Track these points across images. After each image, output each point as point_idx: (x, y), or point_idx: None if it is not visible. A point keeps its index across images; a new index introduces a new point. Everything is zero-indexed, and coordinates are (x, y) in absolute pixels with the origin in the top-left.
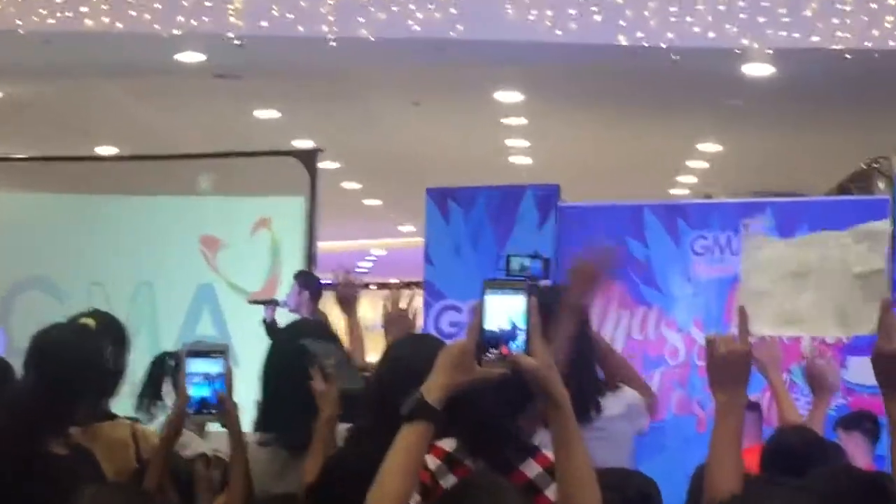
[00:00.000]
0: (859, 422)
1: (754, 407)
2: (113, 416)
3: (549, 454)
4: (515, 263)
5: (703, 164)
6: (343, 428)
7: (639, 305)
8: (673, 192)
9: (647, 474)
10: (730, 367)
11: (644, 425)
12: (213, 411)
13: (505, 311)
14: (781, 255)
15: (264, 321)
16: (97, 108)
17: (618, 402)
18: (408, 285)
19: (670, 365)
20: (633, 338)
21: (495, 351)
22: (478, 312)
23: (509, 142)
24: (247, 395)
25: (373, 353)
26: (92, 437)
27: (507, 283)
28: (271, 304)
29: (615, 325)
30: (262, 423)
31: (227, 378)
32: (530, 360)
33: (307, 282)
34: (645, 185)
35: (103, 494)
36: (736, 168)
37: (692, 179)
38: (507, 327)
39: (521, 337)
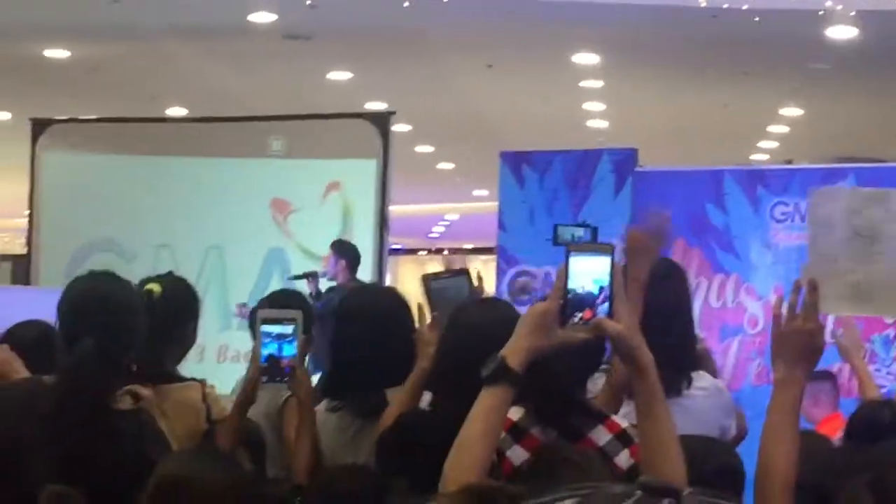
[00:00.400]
0: None
1: (829, 377)
2: (182, 379)
3: (618, 420)
4: (565, 233)
5: (785, 129)
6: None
7: (717, 273)
8: (753, 157)
9: None
10: (793, 344)
11: (733, 429)
12: (285, 379)
13: (589, 273)
14: (848, 206)
15: (310, 294)
16: (167, 70)
17: (709, 382)
18: (481, 250)
19: (749, 333)
20: (710, 305)
21: (579, 314)
22: (561, 275)
23: (586, 105)
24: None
25: None
26: (163, 397)
27: (591, 246)
28: (312, 276)
29: (692, 293)
30: (332, 390)
31: (300, 345)
32: (614, 323)
33: (342, 250)
34: (724, 150)
35: (189, 460)
36: (818, 133)
37: (773, 144)
38: (592, 290)
39: (606, 300)
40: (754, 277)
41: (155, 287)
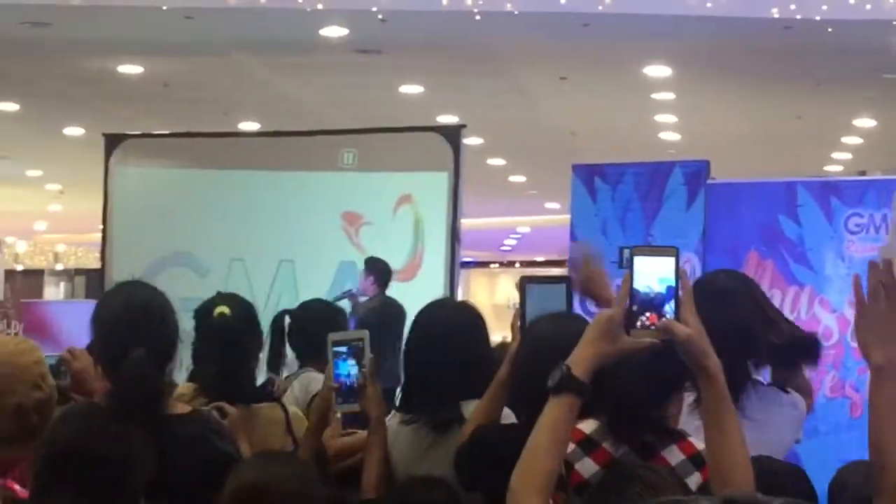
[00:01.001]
0: None
1: None
2: (264, 399)
3: (694, 442)
4: (627, 254)
5: (858, 140)
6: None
7: (790, 285)
8: (827, 168)
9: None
10: (885, 324)
11: (800, 436)
12: (356, 400)
13: (654, 275)
14: None
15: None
16: (239, 84)
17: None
18: (553, 263)
19: (823, 346)
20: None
21: (645, 318)
22: (626, 281)
23: (658, 117)
24: None
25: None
26: (250, 415)
27: (656, 248)
28: (349, 294)
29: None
30: (406, 403)
31: (368, 364)
32: (682, 327)
33: (372, 266)
34: (797, 162)
35: (267, 465)
36: (892, 144)
37: (847, 156)
38: (659, 292)
39: (672, 303)
40: (828, 290)
41: (225, 309)
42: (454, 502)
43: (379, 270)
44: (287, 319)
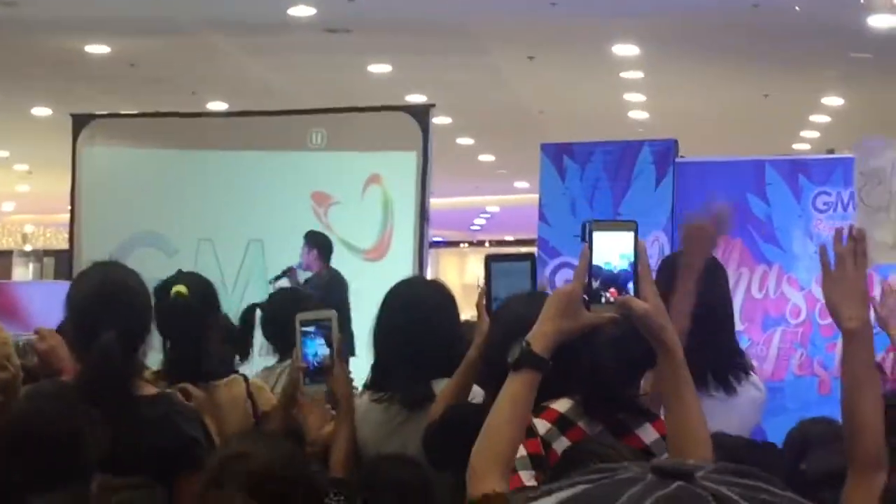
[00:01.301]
0: None
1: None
2: (226, 374)
3: None
4: (588, 228)
5: (826, 119)
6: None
7: (759, 263)
8: (795, 147)
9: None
10: (851, 290)
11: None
12: (324, 380)
13: (614, 251)
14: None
15: (291, 288)
16: (207, 64)
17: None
18: (522, 242)
19: (791, 324)
20: (752, 296)
21: (606, 294)
22: (585, 255)
23: (626, 96)
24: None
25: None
26: (210, 394)
27: (614, 223)
28: (288, 272)
29: (734, 284)
30: (376, 382)
31: (336, 343)
32: (641, 303)
33: (313, 240)
34: (766, 141)
35: (247, 441)
36: (860, 122)
37: (815, 134)
38: (618, 267)
39: (631, 278)
40: (797, 268)
41: (182, 288)
42: (422, 480)
43: (321, 244)
44: (258, 312)
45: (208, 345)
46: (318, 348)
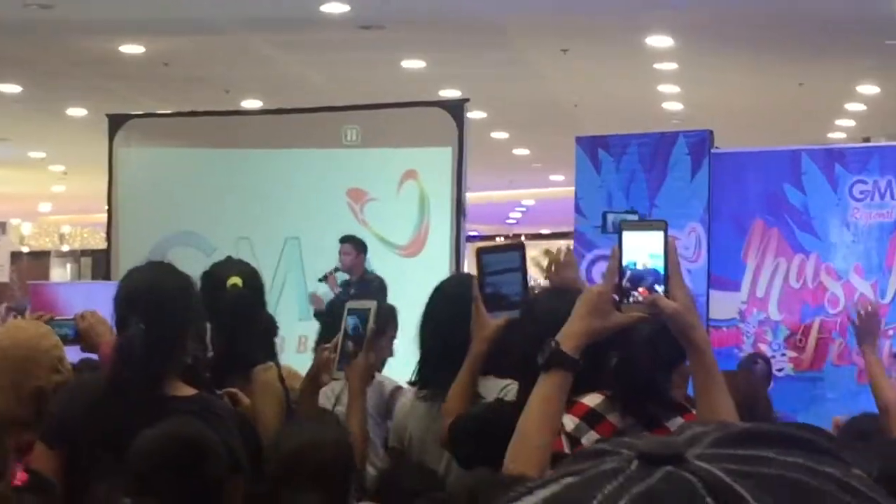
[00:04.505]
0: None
1: None
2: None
3: None
4: (614, 219)
5: (862, 107)
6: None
7: (796, 253)
8: (831, 135)
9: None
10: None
11: None
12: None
13: (644, 250)
14: None
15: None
16: (241, 63)
17: None
18: (559, 235)
19: (830, 314)
20: (790, 286)
21: (635, 294)
22: (615, 255)
23: (661, 87)
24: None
25: None
26: (250, 382)
27: (644, 222)
28: (330, 276)
29: (772, 274)
30: (423, 378)
31: (368, 334)
32: (668, 301)
33: (360, 245)
34: (801, 130)
35: (306, 430)
36: (895, 111)
37: (850, 123)
38: (648, 267)
39: (662, 277)
40: (834, 257)
41: (237, 280)
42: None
43: (364, 248)
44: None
45: (256, 338)
46: (353, 337)
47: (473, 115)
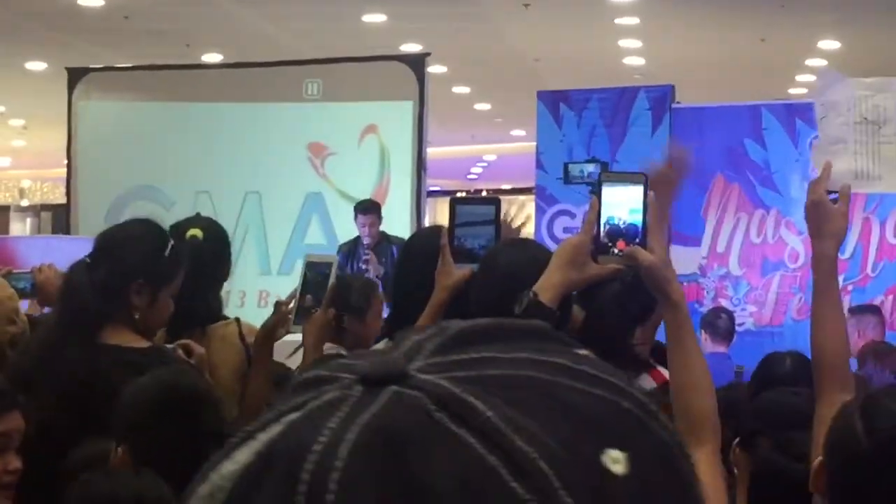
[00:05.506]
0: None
1: (874, 310)
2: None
3: (665, 372)
4: (574, 170)
5: (823, 63)
6: None
7: (757, 208)
8: (791, 91)
9: None
10: (817, 216)
11: None
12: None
13: (623, 203)
14: (854, 93)
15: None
16: (202, 16)
17: None
18: (520, 191)
19: (790, 268)
20: (751, 241)
21: (612, 246)
22: (594, 207)
23: (622, 42)
24: None
25: None
26: (209, 337)
27: (624, 175)
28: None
29: (733, 229)
30: (388, 331)
31: (327, 290)
32: (647, 254)
33: (378, 209)
34: (763, 86)
35: None
36: (856, 66)
37: (811, 78)
38: (626, 220)
39: (640, 231)
40: (794, 212)
41: (197, 232)
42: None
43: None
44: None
45: (216, 290)
46: (315, 291)
47: (434, 69)
